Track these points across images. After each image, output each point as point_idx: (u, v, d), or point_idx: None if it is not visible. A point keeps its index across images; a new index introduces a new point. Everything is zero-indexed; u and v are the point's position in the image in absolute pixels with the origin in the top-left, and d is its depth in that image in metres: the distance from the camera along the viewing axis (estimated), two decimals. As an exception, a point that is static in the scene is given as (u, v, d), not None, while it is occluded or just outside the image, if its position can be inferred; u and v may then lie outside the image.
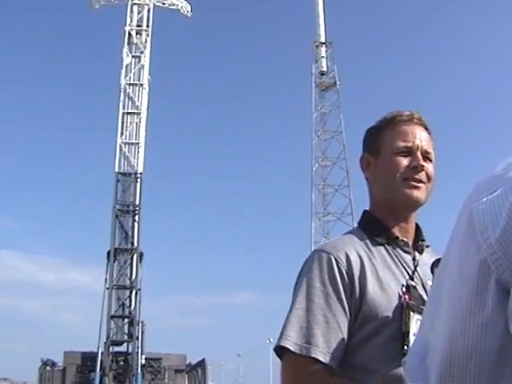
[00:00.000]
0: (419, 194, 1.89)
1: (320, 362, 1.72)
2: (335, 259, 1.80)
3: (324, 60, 48.31)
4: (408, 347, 1.72)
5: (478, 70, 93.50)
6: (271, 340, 53.88)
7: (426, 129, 1.98)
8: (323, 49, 48.57)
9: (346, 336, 1.76)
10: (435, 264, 1.80)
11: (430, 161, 1.95)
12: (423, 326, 0.92)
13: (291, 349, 1.73)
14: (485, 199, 0.78)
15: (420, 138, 1.93)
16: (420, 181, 1.90)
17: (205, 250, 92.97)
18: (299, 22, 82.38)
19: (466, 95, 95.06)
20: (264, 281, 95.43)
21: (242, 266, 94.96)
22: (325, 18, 49.22)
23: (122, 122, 42.47)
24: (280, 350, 1.77)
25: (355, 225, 2.02)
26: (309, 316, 1.76)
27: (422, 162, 1.90)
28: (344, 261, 1.81)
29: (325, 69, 48.22)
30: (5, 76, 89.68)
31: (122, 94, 42.89)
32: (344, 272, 1.79)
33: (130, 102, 42.99)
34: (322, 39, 48.85)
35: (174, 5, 47.23)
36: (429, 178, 1.92)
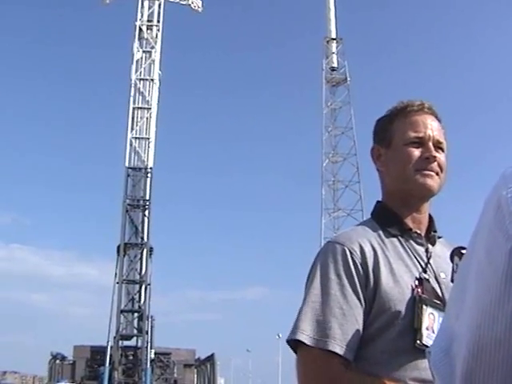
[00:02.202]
0: (432, 182, 1.86)
1: (337, 354, 1.69)
2: (349, 251, 1.78)
3: (335, 56, 48.20)
4: (421, 341, 1.71)
5: (494, 67, 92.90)
6: (280, 335, 53.97)
7: (437, 118, 1.95)
8: (334, 44, 48.45)
9: (361, 328, 1.74)
10: (455, 252, 1.78)
11: (442, 151, 1.91)
12: (447, 317, 0.89)
13: (306, 342, 1.70)
14: None
15: (431, 127, 1.90)
16: (432, 171, 1.87)
17: (215, 245, 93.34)
18: (310, 18, 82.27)
19: (480, 91, 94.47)
20: (274, 276, 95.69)
21: (251, 262, 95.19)
22: (336, 13, 49.13)
23: (133, 117, 42.52)
24: (294, 343, 1.74)
25: None
26: (325, 309, 1.73)
27: (434, 153, 1.87)
28: (358, 252, 1.79)
29: (335, 64, 48.12)
30: (16, 71, 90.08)
31: (133, 89, 42.94)
32: (358, 264, 1.77)
33: (141, 97, 43.03)
34: (333, 35, 48.71)
35: (184, 0, 47.17)
36: (441, 169, 1.89)
